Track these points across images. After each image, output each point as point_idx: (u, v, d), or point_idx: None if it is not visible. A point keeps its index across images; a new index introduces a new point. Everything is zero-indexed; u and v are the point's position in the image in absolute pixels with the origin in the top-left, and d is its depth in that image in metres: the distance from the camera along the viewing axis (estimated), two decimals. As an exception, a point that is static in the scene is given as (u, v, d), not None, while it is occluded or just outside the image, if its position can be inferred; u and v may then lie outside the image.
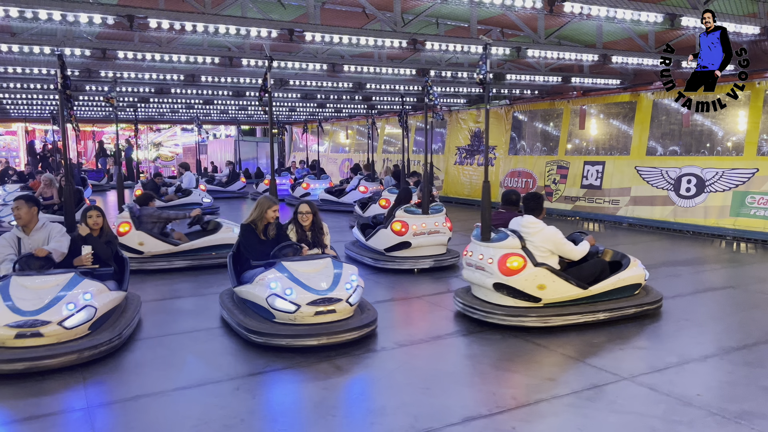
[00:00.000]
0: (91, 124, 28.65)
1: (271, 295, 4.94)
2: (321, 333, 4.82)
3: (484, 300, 5.65)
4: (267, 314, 5.04)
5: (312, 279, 5.10)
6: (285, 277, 5.06)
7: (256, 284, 5.19)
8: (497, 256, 5.45)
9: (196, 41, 10.39)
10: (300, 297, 4.92)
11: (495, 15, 9.72)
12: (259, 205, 5.79)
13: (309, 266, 5.27)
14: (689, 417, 3.66)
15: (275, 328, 4.89)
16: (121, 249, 5.98)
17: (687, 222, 11.08)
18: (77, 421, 3.67)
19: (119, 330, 4.91)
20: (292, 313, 4.90)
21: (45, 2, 6.52)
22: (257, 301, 5.11)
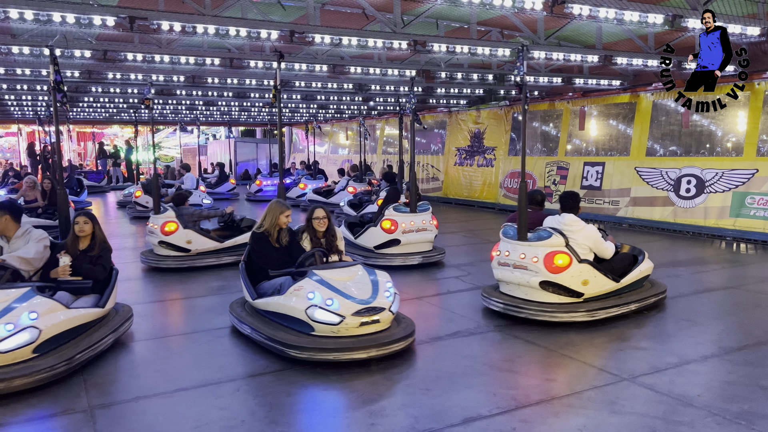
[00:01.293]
0: (91, 125, 28.69)
1: (311, 307, 4.57)
2: (369, 345, 4.54)
3: (525, 299, 5.69)
4: (304, 327, 4.67)
5: (350, 288, 4.78)
6: (323, 286, 4.70)
7: (290, 296, 4.76)
8: (542, 255, 5.56)
9: (196, 43, 10.40)
10: (343, 307, 4.58)
11: (495, 16, 9.74)
12: (270, 211, 5.49)
13: (343, 274, 4.94)
14: (690, 417, 3.66)
15: (318, 342, 4.53)
16: (110, 261, 5.35)
17: (687, 223, 11.09)
18: (78, 422, 3.67)
19: (69, 355, 4.31)
20: (335, 324, 4.56)
21: (46, 4, 6.53)
22: (292, 313, 4.72)
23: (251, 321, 5.09)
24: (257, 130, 33.30)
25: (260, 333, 4.87)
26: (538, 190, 7.01)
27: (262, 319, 5.09)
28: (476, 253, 9.72)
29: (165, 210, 8.47)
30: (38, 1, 6.48)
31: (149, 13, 6.90)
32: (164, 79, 12.44)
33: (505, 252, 5.90)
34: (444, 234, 11.83)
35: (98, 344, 4.70)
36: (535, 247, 5.65)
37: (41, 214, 10.91)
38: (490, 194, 16.17)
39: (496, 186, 15.99)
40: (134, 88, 14.11)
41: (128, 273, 8.25)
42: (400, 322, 5.00)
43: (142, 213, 14.33)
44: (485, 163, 16.50)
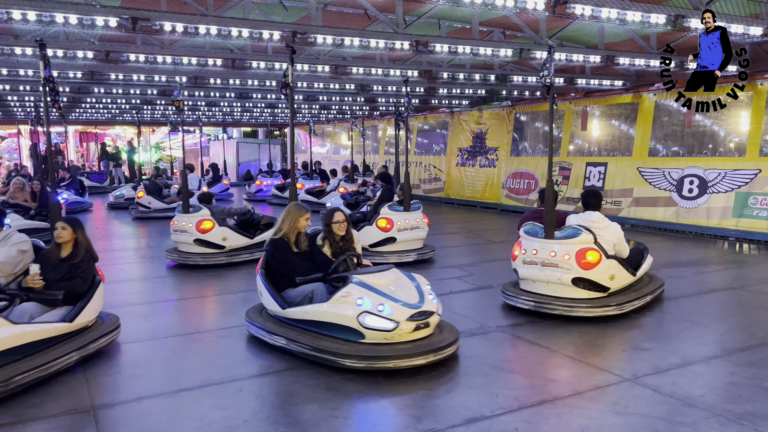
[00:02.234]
0: (93, 126, 28.74)
1: (363, 313, 4.39)
2: (426, 351, 4.42)
3: (554, 295, 5.80)
4: (351, 335, 4.47)
5: (397, 292, 4.63)
6: (371, 291, 4.54)
7: (336, 303, 4.53)
8: (573, 252, 5.68)
9: (198, 43, 10.42)
10: (397, 313, 4.42)
11: (497, 17, 9.73)
12: (289, 215, 5.23)
13: (383, 278, 4.75)
14: (693, 418, 3.65)
15: (374, 350, 4.37)
16: (91, 272, 4.98)
17: (689, 223, 11.07)
18: (81, 422, 3.68)
19: (5, 377, 3.94)
20: (390, 331, 4.39)
21: (48, 4, 6.55)
22: (339, 321, 4.49)
23: (284, 332, 4.79)
24: (259, 131, 33.31)
25: (302, 344, 4.59)
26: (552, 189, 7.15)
27: (295, 329, 4.78)
28: (478, 254, 9.72)
29: (199, 209, 8.75)
30: (41, 1, 6.50)
31: (151, 14, 6.91)
32: (166, 80, 12.46)
33: (533, 250, 5.94)
34: (446, 234, 11.84)
35: (52, 363, 4.27)
36: (566, 244, 5.76)
37: (34, 216, 10.74)
38: (492, 195, 16.16)
39: (498, 186, 15.97)
40: (137, 88, 14.13)
41: (133, 273, 8.28)
42: (441, 327, 4.90)
43: (144, 214, 14.35)
44: (487, 164, 16.49)
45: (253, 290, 7.52)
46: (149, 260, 9.44)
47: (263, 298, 5.19)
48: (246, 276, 7.83)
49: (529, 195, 14.85)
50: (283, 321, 4.98)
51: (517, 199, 15.27)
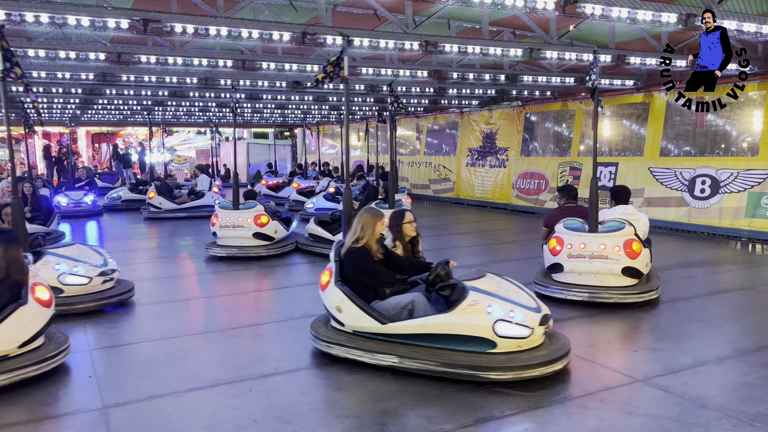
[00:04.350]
0: (105, 127, 28.97)
1: (498, 321, 4.21)
2: (561, 355, 4.31)
3: (602, 285, 6.18)
4: (480, 345, 4.25)
5: (514, 297, 4.49)
6: (495, 298, 4.37)
7: (463, 313, 4.26)
8: (622, 243, 6.11)
9: (209, 45, 10.47)
10: (529, 319, 4.29)
11: (507, 16, 9.71)
12: (365, 222, 4.83)
13: (490, 283, 4.58)
14: (704, 419, 3.62)
15: (518, 360, 4.18)
16: (20, 291, 4.48)
17: (701, 223, 10.98)
18: (92, 421, 3.71)
19: None
20: (524, 338, 4.25)
21: (60, 7, 6.61)
22: (469, 331, 4.24)
23: (390, 349, 4.40)
24: (270, 132, 33.40)
25: (424, 361, 4.25)
26: (572, 185, 7.86)
27: (403, 345, 4.42)
28: (489, 254, 9.69)
29: (253, 204, 9.35)
30: (54, 4, 6.56)
31: (162, 16, 6.96)
32: (176, 81, 12.53)
33: (580, 244, 6.25)
34: (456, 235, 11.84)
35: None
36: (614, 237, 6.18)
37: (32, 220, 10.42)
38: (502, 195, 16.12)
39: (508, 187, 15.93)
40: (148, 90, 14.22)
41: (142, 273, 8.32)
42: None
43: (155, 214, 14.45)
44: (497, 164, 16.45)
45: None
46: (161, 260, 9.50)
47: (345, 314, 4.66)
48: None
49: (540, 195, 14.79)
50: (369, 336, 4.58)
51: (527, 199, 15.22)
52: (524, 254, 8.80)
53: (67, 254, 6.31)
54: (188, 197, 15.13)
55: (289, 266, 8.86)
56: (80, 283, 6.09)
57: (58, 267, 6.06)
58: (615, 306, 6.10)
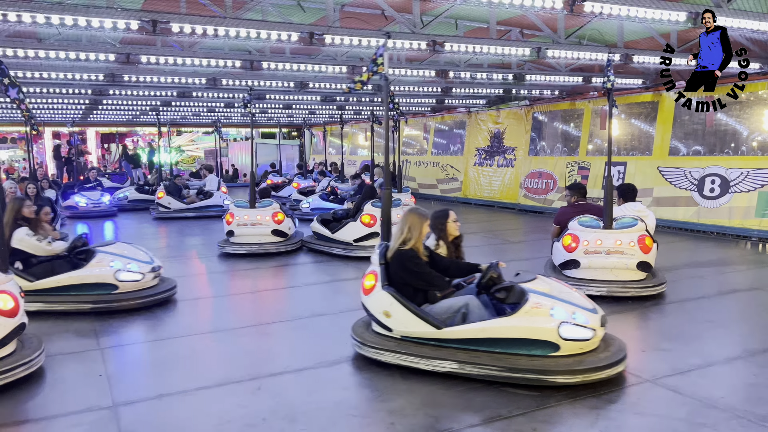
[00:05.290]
0: (115, 127, 29.12)
1: (562, 324, 4.14)
2: (622, 357, 4.26)
3: (617, 280, 6.44)
4: (542, 349, 4.17)
5: (570, 298, 4.43)
6: (556, 300, 4.30)
7: (526, 316, 4.17)
8: (636, 239, 6.41)
9: (217, 45, 10.51)
10: (591, 320, 4.24)
11: (514, 16, 9.69)
12: (412, 223, 4.66)
13: (544, 285, 4.51)
14: (714, 419, 3.61)
15: (583, 363, 4.11)
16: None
17: (711, 223, 10.92)
18: (103, 419, 3.74)
19: None
20: (588, 340, 4.21)
21: (70, 9, 6.65)
22: (531, 335, 4.15)
23: (448, 354, 4.28)
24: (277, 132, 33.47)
25: (486, 366, 4.14)
26: (581, 183, 8.12)
27: (462, 351, 4.30)
28: (496, 254, 9.67)
29: (269, 203, 9.68)
30: (66, 6, 6.61)
31: (171, 17, 6.99)
32: (185, 81, 12.59)
33: (596, 241, 6.49)
34: (464, 235, 11.81)
35: None
36: (629, 233, 6.46)
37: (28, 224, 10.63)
38: (510, 195, 16.09)
39: (516, 186, 15.89)
40: (156, 90, 14.28)
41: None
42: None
43: (164, 214, 14.53)
44: (505, 164, 16.42)
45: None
46: (172, 259, 9.55)
47: (394, 320, 4.50)
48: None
49: (548, 195, 14.76)
50: (419, 342, 4.44)
51: (535, 199, 15.18)
52: (533, 254, 8.78)
53: (116, 252, 6.47)
54: (197, 197, 15.20)
55: (296, 264, 8.90)
56: (134, 280, 6.27)
57: (112, 264, 6.24)
58: (623, 302, 6.16)
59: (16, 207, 6.30)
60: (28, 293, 5.96)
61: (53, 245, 6.41)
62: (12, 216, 6.21)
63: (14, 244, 6.14)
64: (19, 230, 6.19)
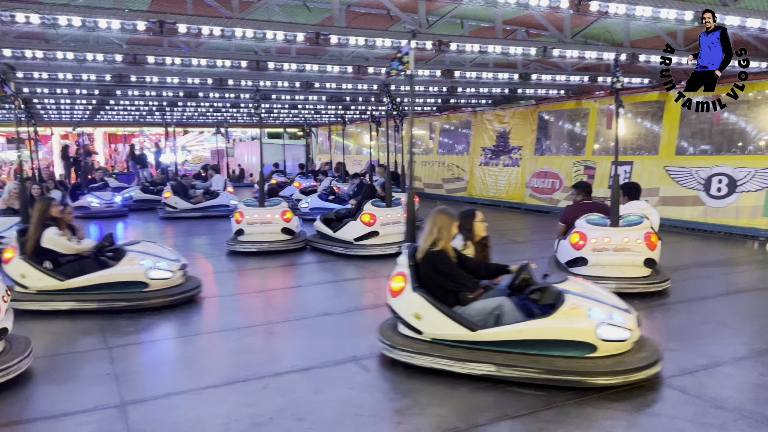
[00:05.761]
0: (121, 127, 29.23)
1: (601, 325, 4.09)
2: (659, 357, 4.23)
3: (623, 277, 6.58)
4: (580, 349, 4.11)
5: (604, 298, 4.41)
6: (591, 301, 4.26)
7: (563, 317, 4.11)
8: (643, 236, 6.58)
9: (223, 46, 10.55)
10: (628, 320, 4.20)
11: (520, 15, 9.67)
12: (442, 224, 4.58)
13: (576, 286, 4.46)
14: (721, 420, 3.60)
15: (622, 363, 4.08)
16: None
17: (718, 222, 10.87)
18: (111, 418, 3.77)
19: None
20: (625, 341, 4.16)
21: (79, 10, 6.70)
22: (569, 336, 4.10)
23: (484, 357, 4.20)
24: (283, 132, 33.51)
25: (524, 369, 4.07)
26: (586, 182, 8.21)
27: (497, 353, 4.23)
28: (502, 254, 9.62)
29: (278, 202, 9.96)
30: (82, 8, 6.66)
31: (178, 17, 7.02)
32: (191, 82, 12.63)
33: (604, 238, 6.62)
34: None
35: None
36: (636, 230, 6.62)
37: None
38: (515, 194, 16.06)
39: (522, 186, 15.87)
40: (162, 90, 14.33)
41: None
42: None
43: (170, 214, 14.59)
44: (511, 163, 16.39)
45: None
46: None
47: (425, 322, 4.42)
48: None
49: (554, 194, 14.73)
50: (451, 344, 4.36)
51: (541, 198, 15.16)
52: (538, 254, 8.77)
53: (144, 250, 6.55)
54: (203, 197, 15.27)
55: (301, 264, 8.94)
56: (165, 277, 6.36)
57: (143, 262, 6.31)
58: (629, 299, 6.04)
59: (44, 207, 6.32)
60: (59, 292, 6.06)
61: (82, 244, 6.45)
62: (40, 216, 6.26)
63: (44, 244, 6.21)
64: (49, 230, 6.23)
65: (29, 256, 6.17)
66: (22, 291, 6.15)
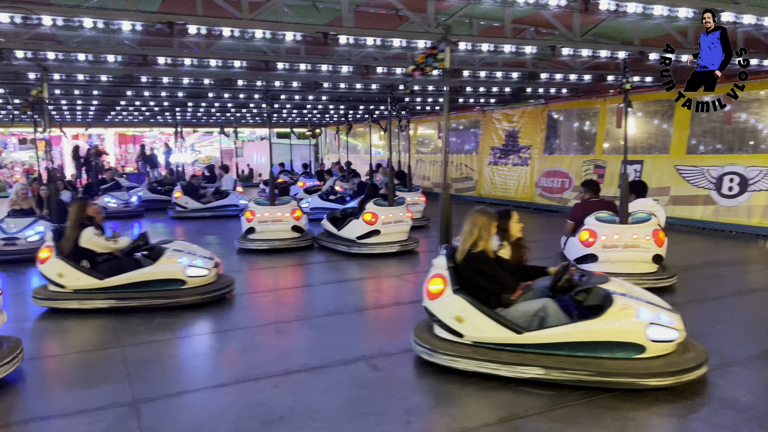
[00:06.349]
0: (131, 127, 29.41)
1: (651, 325, 4.04)
2: (706, 358, 4.19)
3: (632, 272, 6.60)
4: (628, 350, 4.05)
5: (648, 298, 4.37)
6: (638, 301, 4.22)
7: (613, 318, 4.05)
8: (651, 233, 6.75)
9: (232, 46, 10.59)
10: (675, 320, 4.17)
11: (529, 14, 9.65)
12: (482, 224, 4.46)
13: (619, 286, 4.41)
14: (732, 420, 3.59)
15: (674, 364, 4.02)
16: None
17: (730, 222, 10.80)
18: (124, 415, 3.80)
19: None
20: (673, 341, 4.12)
21: (90, 11, 6.75)
22: (620, 337, 4.04)
23: (533, 360, 4.12)
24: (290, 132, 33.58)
25: (574, 371, 4.01)
26: (595, 180, 8.30)
27: (541, 355, 4.14)
28: (511, 253, 9.65)
29: (288, 200, 10.08)
30: (94, 9, 6.72)
31: (188, 18, 7.06)
32: (200, 82, 12.69)
33: (614, 235, 6.76)
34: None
35: None
36: (644, 227, 6.76)
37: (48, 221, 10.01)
38: (525, 194, 16.02)
39: (531, 185, 15.83)
40: (172, 91, 14.40)
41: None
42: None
43: (181, 213, 14.68)
44: (520, 162, 16.35)
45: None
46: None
47: (468, 325, 4.31)
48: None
49: (563, 194, 14.67)
50: (494, 347, 4.27)
51: (551, 198, 15.11)
52: (548, 253, 8.73)
53: (180, 249, 6.65)
54: (213, 197, 15.34)
55: (310, 263, 8.98)
56: (201, 275, 6.45)
57: (181, 260, 6.39)
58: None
59: (81, 207, 6.39)
60: (97, 291, 6.15)
61: (118, 242, 6.51)
62: (78, 216, 6.32)
63: (83, 244, 6.28)
64: (87, 230, 6.30)
65: (67, 255, 6.24)
66: (58, 290, 6.21)
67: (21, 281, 7.93)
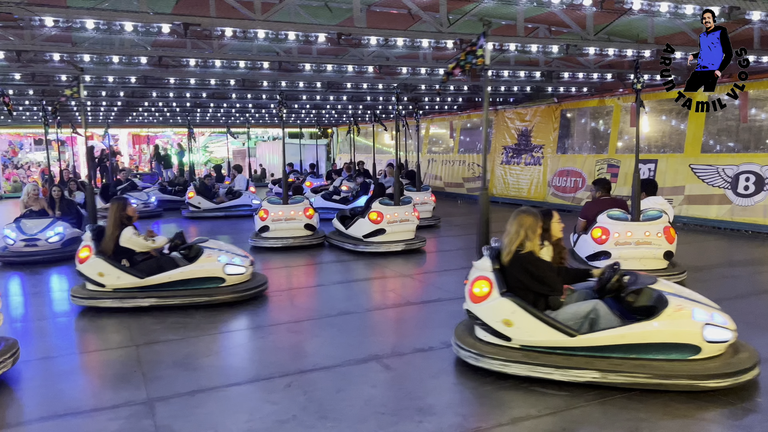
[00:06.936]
0: (146, 128, 29.66)
1: (707, 326, 3.99)
2: (759, 358, 4.15)
3: (646, 269, 6.34)
4: (683, 351, 4.00)
5: (698, 298, 4.33)
6: (692, 301, 4.19)
7: (669, 320, 4.01)
8: (662, 230, 6.92)
9: (246, 47, 10.65)
10: (728, 321, 4.12)
11: (542, 13, 9.61)
12: (529, 225, 4.36)
13: (668, 286, 4.38)
14: (749, 422, 3.56)
15: (730, 365, 3.97)
16: None
17: (745, 221, 10.68)
18: (138, 414, 3.84)
19: None
20: (727, 341, 4.07)
21: (105, 14, 6.82)
22: (675, 339, 3.99)
23: (585, 363, 4.03)
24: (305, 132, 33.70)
25: (631, 374, 3.93)
26: (606, 179, 8.34)
27: (594, 358, 4.06)
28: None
29: (300, 199, 10.25)
30: (106, 11, 6.80)
31: (203, 20, 7.11)
32: (215, 83, 12.79)
33: (627, 232, 6.92)
34: (491, 233, 11.76)
35: None
36: (656, 224, 6.94)
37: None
38: (537, 193, 15.95)
39: (544, 185, 15.75)
40: (188, 92, 14.52)
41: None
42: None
43: (194, 213, 14.79)
44: (533, 162, 16.28)
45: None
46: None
47: (517, 329, 4.20)
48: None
49: (576, 193, 14.59)
50: (543, 351, 4.18)
51: (563, 197, 15.03)
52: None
53: (216, 247, 6.74)
54: (225, 197, 15.44)
55: (321, 263, 9.03)
56: (240, 273, 6.55)
57: (220, 259, 6.48)
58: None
59: (120, 207, 6.46)
60: (137, 289, 6.25)
61: (157, 242, 6.58)
62: (117, 215, 6.40)
63: (123, 243, 6.35)
64: (126, 230, 6.37)
65: (108, 255, 6.31)
66: (97, 290, 6.28)
67: (38, 281, 8.05)
